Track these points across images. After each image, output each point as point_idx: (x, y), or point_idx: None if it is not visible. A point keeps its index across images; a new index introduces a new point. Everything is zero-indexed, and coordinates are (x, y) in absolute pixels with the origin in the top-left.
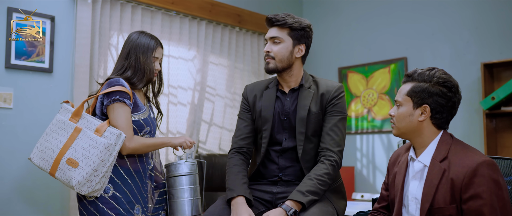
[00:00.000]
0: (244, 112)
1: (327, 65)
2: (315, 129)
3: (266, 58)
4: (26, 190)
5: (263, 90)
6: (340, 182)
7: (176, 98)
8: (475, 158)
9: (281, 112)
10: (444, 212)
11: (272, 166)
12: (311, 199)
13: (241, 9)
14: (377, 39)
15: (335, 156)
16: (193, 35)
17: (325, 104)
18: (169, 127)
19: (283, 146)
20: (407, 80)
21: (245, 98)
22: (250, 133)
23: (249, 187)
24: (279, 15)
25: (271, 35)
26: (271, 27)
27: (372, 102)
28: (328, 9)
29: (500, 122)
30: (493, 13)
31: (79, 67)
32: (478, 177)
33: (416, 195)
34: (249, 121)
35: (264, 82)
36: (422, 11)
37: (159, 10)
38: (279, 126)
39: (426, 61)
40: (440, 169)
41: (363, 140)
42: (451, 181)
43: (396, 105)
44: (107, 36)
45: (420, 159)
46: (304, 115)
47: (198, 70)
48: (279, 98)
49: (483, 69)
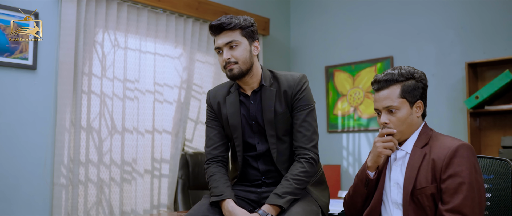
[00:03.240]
0: (211, 120)
1: (314, 64)
2: (286, 129)
3: (227, 66)
4: (9, 188)
5: (226, 96)
6: (321, 172)
7: (162, 96)
8: (455, 141)
9: (248, 117)
10: (426, 192)
11: (252, 171)
12: (289, 200)
13: (228, 7)
14: (363, 38)
15: (309, 153)
16: (180, 32)
17: (290, 100)
18: (155, 125)
19: (258, 150)
20: (389, 84)
21: (210, 106)
22: (221, 140)
23: (233, 189)
24: (224, 18)
25: (225, 40)
26: (220, 33)
27: (359, 100)
28: (315, 8)
29: (483, 121)
30: (477, 13)
31: (63, 64)
32: (457, 158)
33: (398, 180)
34: (218, 128)
35: (226, 86)
36: (408, 10)
37: (145, 7)
38: (249, 131)
39: (412, 60)
40: (421, 153)
41: (350, 139)
42: (433, 162)
43: (386, 112)
44: (92, 33)
45: (403, 147)
46: (271, 117)
47: (184, 68)
48: (243, 103)
49: (468, 69)
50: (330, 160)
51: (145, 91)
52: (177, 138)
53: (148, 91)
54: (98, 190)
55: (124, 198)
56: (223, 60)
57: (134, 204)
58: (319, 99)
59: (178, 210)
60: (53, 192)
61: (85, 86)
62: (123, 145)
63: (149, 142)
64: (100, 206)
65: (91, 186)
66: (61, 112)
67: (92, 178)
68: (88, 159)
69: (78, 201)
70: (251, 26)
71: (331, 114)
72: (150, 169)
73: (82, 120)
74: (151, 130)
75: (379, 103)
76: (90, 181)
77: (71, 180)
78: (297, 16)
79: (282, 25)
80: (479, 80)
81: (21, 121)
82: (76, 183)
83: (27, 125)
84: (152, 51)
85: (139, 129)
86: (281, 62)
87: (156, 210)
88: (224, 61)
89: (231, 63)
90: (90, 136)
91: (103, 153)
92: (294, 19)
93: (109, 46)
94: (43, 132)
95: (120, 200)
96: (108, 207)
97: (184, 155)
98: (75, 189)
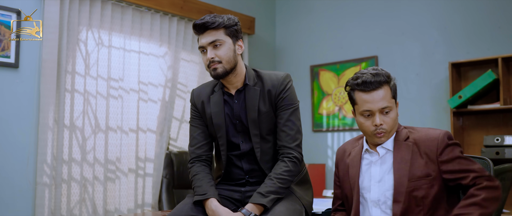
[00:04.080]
0: (195, 119)
1: (299, 63)
2: (269, 128)
3: (211, 65)
4: None
5: (210, 95)
6: (304, 172)
7: (147, 95)
8: (437, 131)
9: (231, 116)
10: (422, 184)
11: (236, 170)
12: (272, 199)
13: (213, 6)
14: (348, 38)
15: (293, 152)
16: (164, 31)
17: (274, 100)
18: (139, 124)
19: (242, 149)
20: (381, 85)
21: (194, 105)
22: (205, 139)
23: (217, 188)
24: (208, 17)
25: (209, 40)
26: (204, 32)
27: (344, 100)
28: (301, 7)
29: (467, 120)
30: (460, 14)
31: (46, 62)
32: (446, 145)
33: (380, 178)
34: (202, 128)
35: (210, 85)
36: (393, 11)
37: (129, 5)
38: (233, 130)
39: (396, 60)
40: (408, 146)
41: (334, 138)
42: (426, 155)
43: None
44: (75, 31)
45: (384, 145)
46: (255, 116)
47: (169, 66)
48: (227, 102)
49: (451, 68)
50: (315, 159)
51: (129, 89)
52: (162, 137)
53: (133, 90)
54: (82, 189)
55: (108, 197)
56: (207, 60)
57: (118, 203)
58: (304, 98)
59: (162, 210)
60: (36, 191)
61: (69, 84)
62: (107, 143)
63: (133, 141)
64: (84, 205)
65: (75, 185)
66: (44, 111)
67: (75, 177)
68: (71, 157)
69: (61, 200)
70: (235, 25)
71: (316, 113)
72: (134, 168)
73: (66, 118)
74: (135, 129)
75: (373, 104)
76: (74, 180)
77: (54, 179)
78: (283, 15)
79: (268, 24)
80: (462, 79)
81: (4, 119)
82: (59, 182)
83: (9, 124)
84: (137, 50)
85: (123, 127)
86: (266, 61)
87: (140, 209)
88: (208, 60)
89: (215, 62)
90: (73, 134)
91: (86, 152)
92: (279, 18)
93: (93, 44)
94: (25, 131)
95: (103, 199)
96: (92, 206)
97: (168, 154)
98: (58, 188)
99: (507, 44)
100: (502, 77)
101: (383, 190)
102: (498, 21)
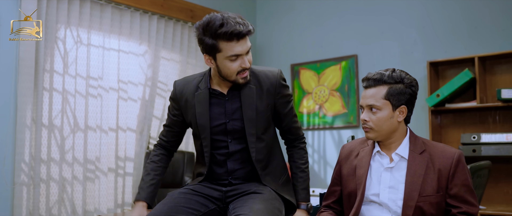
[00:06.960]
0: (172, 111)
1: (279, 62)
2: (265, 127)
3: (243, 73)
4: None
5: (194, 93)
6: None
7: (126, 94)
8: (452, 150)
9: (223, 115)
10: (432, 200)
11: (220, 170)
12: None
13: (194, 4)
14: (328, 36)
15: (304, 138)
16: (144, 29)
17: (274, 97)
18: (119, 123)
19: (230, 149)
20: (377, 83)
21: (175, 101)
22: (174, 132)
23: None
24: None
25: (246, 48)
26: (240, 40)
27: (324, 98)
28: (281, 6)
29: (444, 118)
30: (439, 14)
31: (24, 61)
32: (460, 166)
33: (392, 184)
34: (177, 130)
35: (193, 81)
36: (372, 10)
37: (108, 3)
38: (221, 130)
39: (376, 59)
40: (423, 160)
41: (315, 136)
42: (439, 171)
43: (368, 109)
44: (54, 29)
45: (399, 152)
46: (252, 115)
47: (149, 65)
48: (216, 101)
49: (429, 67)
50: None
51: (109, 88)
52: (142, 136)
53: (112, 89)
54: (60, 188)
55: (87, 197)
56: (240, 66)
57: (98, 203)
58: None
59: None
60: (14, 191)
61: (47, 83)
62: (86, 143)
63: (113, 140)
64: (63, 205)
65: (53, 184)
66: (22, 110)
67: (54, 177)
68: (49, 157)
69: (39, 200)
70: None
71: (297, 111)
72: (114, 167)
73: (44, 117)
74: (115, 128)
75: (363, 100)
76: (52, 180)
77: (33, 179)
78: (263, 14)
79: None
80: (440, 78)
81: None
82: (37, 181)
83: None
84: (116, 48)
85: (102, 127)
86: None
87: (120, 209)
88: (241, 67)
89: (247, 70)
90: (52, 134)
91: (65, 151)
92: (260, 17)
93: (71, 42)
94: (2, 130)
95: (83, 199)
96: (71, 206)
97: (148, 153)
98: (36, 188)
99: (483, 44)
100: (478, 76)
101: (393, 198)
102: (474, 21)
